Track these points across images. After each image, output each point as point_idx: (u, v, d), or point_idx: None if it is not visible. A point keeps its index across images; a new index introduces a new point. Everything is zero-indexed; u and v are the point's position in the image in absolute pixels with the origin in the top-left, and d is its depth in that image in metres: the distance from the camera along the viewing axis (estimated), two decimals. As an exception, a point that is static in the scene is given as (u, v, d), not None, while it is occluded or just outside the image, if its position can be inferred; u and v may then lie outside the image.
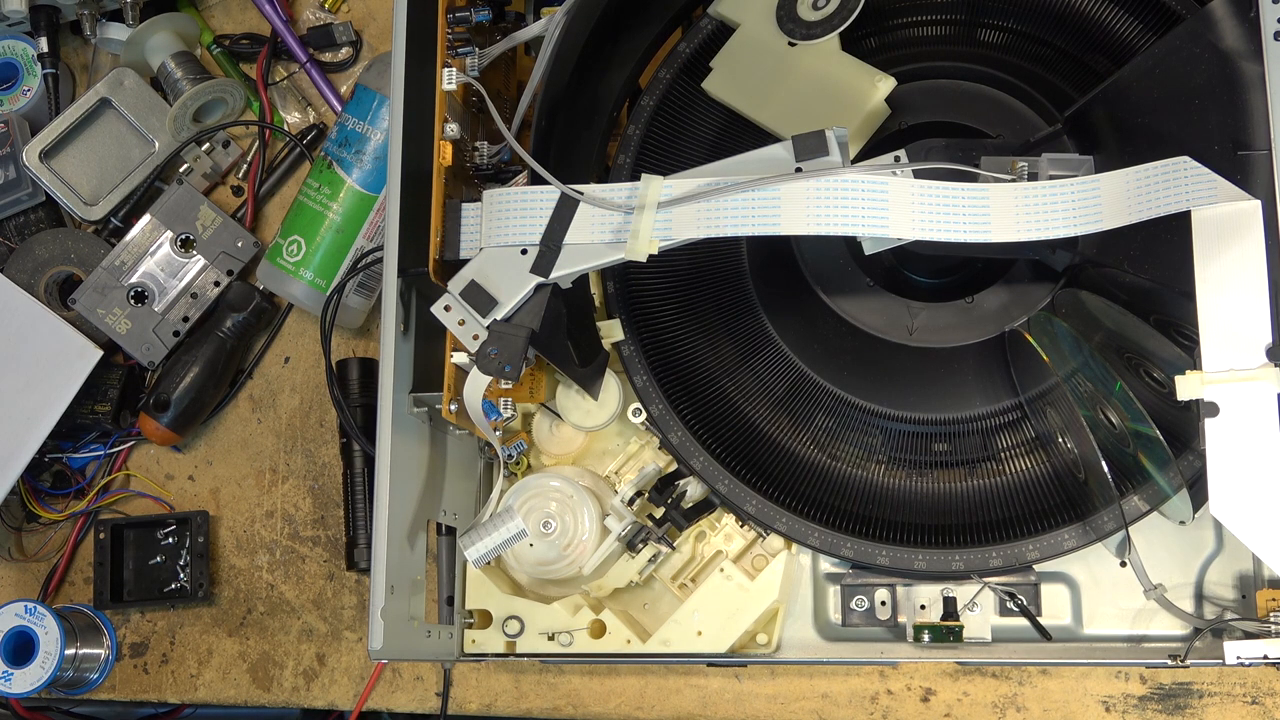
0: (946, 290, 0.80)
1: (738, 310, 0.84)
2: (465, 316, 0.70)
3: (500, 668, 0.89)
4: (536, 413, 0.86)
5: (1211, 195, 0.66)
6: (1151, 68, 0.72)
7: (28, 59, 1.01)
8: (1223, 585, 0.78)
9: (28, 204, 0.99)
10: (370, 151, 0.92)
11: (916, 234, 0.67)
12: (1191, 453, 0.71)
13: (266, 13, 1.01)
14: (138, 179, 0.99)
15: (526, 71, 0.84)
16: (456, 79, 0.74)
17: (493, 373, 0.70)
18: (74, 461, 0.99)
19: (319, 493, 0.96)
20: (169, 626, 0.97)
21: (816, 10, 0.80)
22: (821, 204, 0.66)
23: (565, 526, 0.81)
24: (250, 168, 1.00)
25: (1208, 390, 0.65)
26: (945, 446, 0.80)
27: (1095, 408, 0.74)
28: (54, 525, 0.99)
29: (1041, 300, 0.77)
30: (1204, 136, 0.69)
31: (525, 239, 0.70)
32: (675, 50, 0.85)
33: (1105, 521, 0.73)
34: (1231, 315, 0.65)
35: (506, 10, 0.86)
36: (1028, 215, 0.68)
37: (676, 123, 0.85)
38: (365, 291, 0.93)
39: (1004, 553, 0.74)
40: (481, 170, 0.79)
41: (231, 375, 0.98)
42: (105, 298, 0.95)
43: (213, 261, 0.97)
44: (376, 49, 1.02)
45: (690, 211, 0.68)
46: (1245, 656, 0.71)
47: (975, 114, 0.80)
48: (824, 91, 0.79)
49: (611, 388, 0.84)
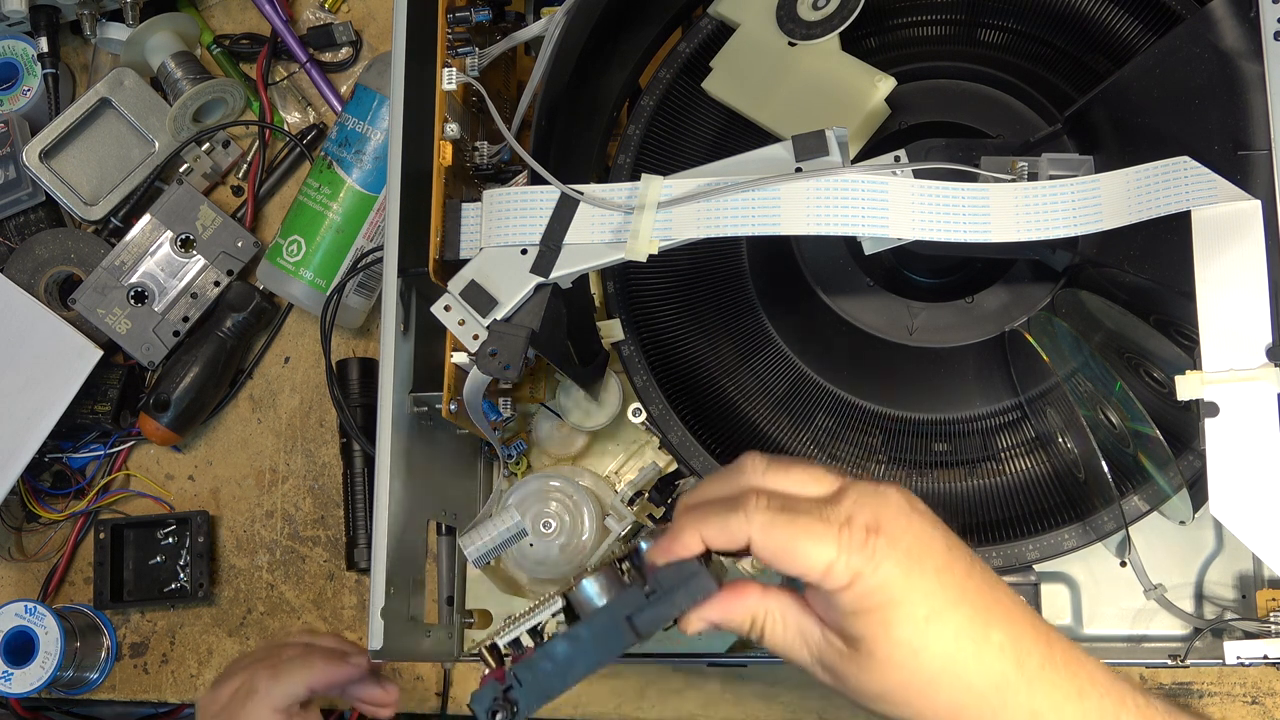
0: (946, 290, 0.80)
1: (738, 310, 0.84)
2: (465, 316, 0.70)
3: (500, 668, 0.89)
4: (536, 413, 0.86)
5: (1211, 195, 0.66)
6: (1151, 68, 0.72)
7: (28, 59, 1.01)
8: (1223, 585, 0.78)
9: (28, 204, 0.99)
10: (370, 151, 0.92)
11: (916, 234, 0.67)
12: (1191, 453, 0.71)
13: (266, 13, 1.01)
14: (138, 179, 0.99)
15: (526, 71, 0.83)
16: (456, 79, 0.74)
17: (493, 373, 0.70)
18: (74, 461, 0.99)
19: (319, 493, 0.96)
20: (169, 626, 0.97)
21: (816, 10, 0.80)
22: (821, 204, 0.66)
23: (565, 526, 0.81)
24: (250, 168, 1.00)
25: (1208, 390, 0.65)
26: (945, 446, 0.80)
27: (1095, 408, 0.74)
28: (54, 525, 0.99)
29: (1041, 300, 0.77)
30: (1204, 136, 0.69)
31: (525, 239, 0.70)
32: (675, 50, 0.85)
33: (1105, 521, 0.73)
34: (1231, 315, 0.65)
35: (506, 10, 0.86)
36: (1028, 215, 0.68)
37: (676, 123, 0.85)
38: (365, 291, 0.93)
39: (1004, 553, 0.74)
40: (481, 170, 0.79)
41: (231, 375, 0.98)
42: (105, 298, 0.95)
43: (213, 261, 0.97)
44: (376, 49, 1.02)
45: (690, 211, 0.68)
46: (1245, 656, 0.71)
47: (975, 114, 0.80)
48: (824, 91, 0.79)
49: (611, 388, 0.84)
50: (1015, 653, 0.54)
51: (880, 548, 0.53)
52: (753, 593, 0.57)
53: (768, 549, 0.54)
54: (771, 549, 0.54)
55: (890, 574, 0.53)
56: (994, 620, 0.54)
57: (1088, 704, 0.54)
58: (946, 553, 0.55)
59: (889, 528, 0.54)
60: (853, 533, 0.53)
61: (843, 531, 0.53)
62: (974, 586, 0.55)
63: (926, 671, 0.53)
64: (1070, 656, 0.55)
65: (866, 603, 0.53)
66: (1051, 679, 0.54)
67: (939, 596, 0.53)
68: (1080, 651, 0.56)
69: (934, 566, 0.54)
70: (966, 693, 0.54)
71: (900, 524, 0.54)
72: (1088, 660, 0.56)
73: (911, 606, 0.53)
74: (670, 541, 0.56)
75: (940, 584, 0.54)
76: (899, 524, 0.54)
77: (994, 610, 0.54)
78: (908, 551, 0.54)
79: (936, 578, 0.54)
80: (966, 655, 0.53)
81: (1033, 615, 0.56)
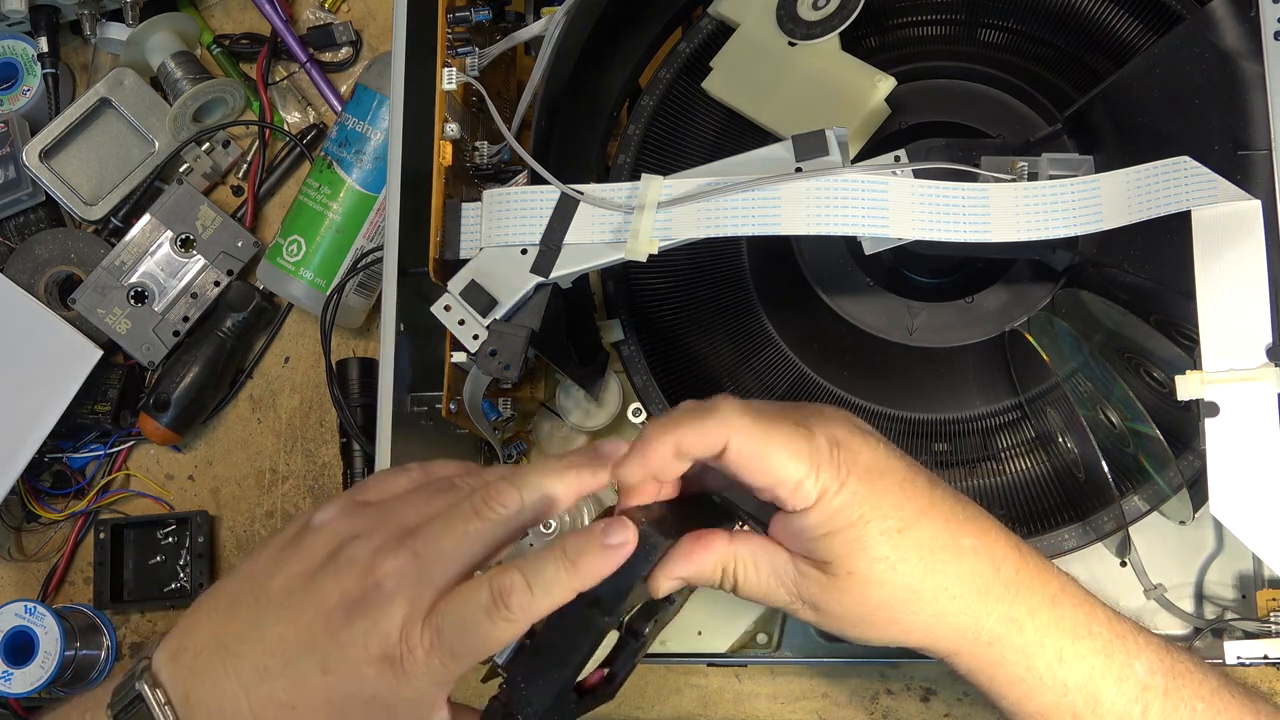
0: (946, 290, 0.80)
1: (738, 310, 0.84)
2: (465, 316, 0.70)
3: (500, 668, 0.88)
4: (536, 413, 0.86)
5: (1211, 195, 0.66)
6: (1151, 68, 0.72)
7: (28, 59, 1.01)
8: (1223, 585, 0.78)
9: (28, 204, 0.99)
10: (370, 151, 0.92)
11: (916, 234, 0.67)
12: (1191, 453, 0.71)
13: (266, 13, 1.01)
14: (138, 179, 0.99)
15: (526, 71, 0.83)
16: (456, 79, 0.74)
17: (493, 373, 0.70)
18: (74, 461, 0.99)
19: (319, 493, 0.96)
20: (169, 626, 0.97)
21: (816, 10, 0.80)
22: (821, 204, 0.66)
23: (565, 527, 0.81)
24: (250, 168, 1.00)
25: (1208, 390, 0.65)
26: (945, 446, 0.80)
27: (1095, 408, 0.74)
28: (54, 525, 0.99)
29: (1041, 300, 0.77)
30: (1204, 136, 0.69)
31: (525, 239, 0.70)
32: (675, 50, 0.85)
33: (1105, 521, 0.73)
34: (1231, 315, 0.65)
35: (506, 10, 0.86)
36: (1028, 215, 0.68)
37: (676, 123, 0.85)
38: (365, 291, 0.93)
39: (1004, 553, 0.74)
40: (481, 170, 0.79)
41: (231, 375, 0.98)
42: (105, 298, 0.95)
43: (213, 261, 0.97)
44: (376, 49, 1.02)
45: (690, 211, 0.68)
46: (1245, 656, 0.71)
47: (975, 114, 0.80)
48: (824, 91, 0.79)
49: (611, 388, 0.84)
50: (990, 557, 0.54)
51: (844, 462, 0.53)
52: (719, 540, 0.55)
53: (742, 454, 0.52)
54: (746, 455, 0.52)
55: (856, 490, 0.52)
56: (965, 528, 0.54)
57: (1061, 611, 0.55)
58: (906, 468, 0.55)
59: (848, 443, 0.53)
60: (819, 447, 0.53)
61: (813, 452, 0.52)
62: (939, 496, 0.55)
63: (907, 583, 0.53)
64: (1041, 565, 0.55)
65: (836, 521, 0.53)
66: (1029, 585, 0.54)
67: (907, 507, 0.53)
68: (1049, 563, 0.56)
69: (896, 480, 0.54)
70: (951, 600, 0.53)
71: (857, 441, 0.54)
72: (1058, 571, 0.56)
73: (882, 520, 0.53)
74: (642, 451, 0.53)
75: (906, 495, 0.53)
76: (856, 440, 0.54)
77: (962, 519, 0.54)
78: (868, 468, 0.53)
79: (901, 490, 0.53)
80: (944, 562, 0.53)
81: (1000, 525, 0.56)
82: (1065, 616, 0.55)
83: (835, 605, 0.54)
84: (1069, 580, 0.56)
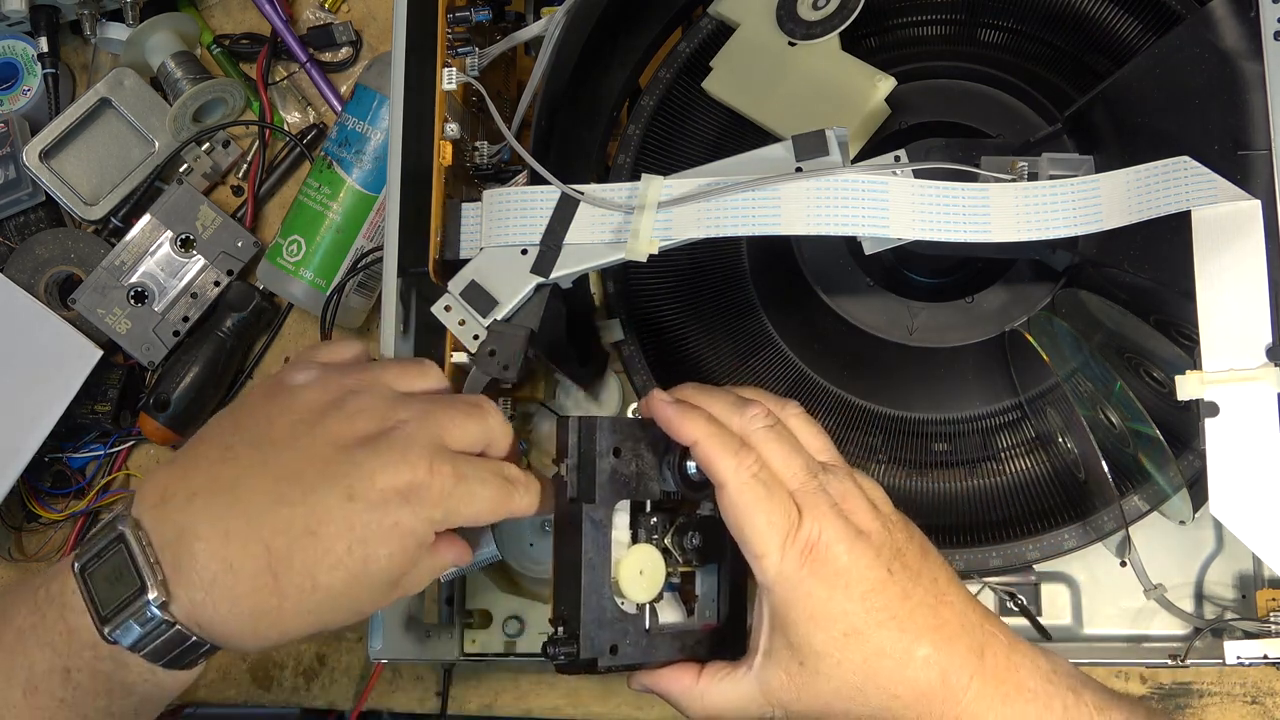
0: (946, 290, 0.80)
1: (738, 310, 0.84)
2: (465, 316, 0.70)
3: (500, 668, 0.89)
4: (536, 413, 0.86)
5: (1211, 195, 0.66)
6: (1151, 68, 0.72)
7: (28, 59, 1.01)
8: (1223, 585, 0.78)
9: (28, 204, 0.99)
10: (370, 151, 0.92)
11: (916, 234, 0.67)
12: (1191, 453, 0.71)
13: (266, 13, 1.01)
14: (138, 179, 0.99)
15: (526, 71, 0.83)
16: (456, 79, 0.74)
17: (492, 373, 0.70)
18: (74, 461, 0.99)
19: (319, 493, 0.96)
20: (169, 626, 0.97)
21: (816, 10, 0.80)
22: (821, 204, 0.66)
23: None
24: (250, 168, 1.00)
25: (1208, 390, 0.65)
26: (945, 446, 0.80)
27: (1095, 408, 0.74)
28: (54, 525, 0.99)
29: (1041, 300, 0.77)
30: (1204, 136, 0.69)
31: (525, 239, 0.70)
32: (675, 50, 0.85)
33: (1105, 521, 0.73)
34: (1231, 315, 0.65)
35: (506, 10, 0.86)
36: (1028, 215, 0.68)
37: (676, 123, 0.85)
38: (365, 291, 0.93)
39: (1004, 553, 0.74)
40: (481, 170, 0.79)
41: (231, 375, 0.98)
42: (105, 298, 0.95)
43: (213, 261, 0.97)
44: (376, 49, 1.02)
45: (690, 211, 0.68)
46: (1245, 656, 0.71)
47: (975, 114, 0.80)
48: (824, 91, 0.79)
49: (611, 388, 0.84)
50: (942, 667, 0.57)
51: (812, 561, 0.57)
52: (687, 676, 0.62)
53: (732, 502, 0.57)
54: (733, 503, 0.57)
55: (812, 590, 0.56)
56: (924, 638, 0.57)
57: (1011, 709, 0.57)
58: (885, 577, 0.57)
59: (828, 552, 0.57)
60: (795, 542, 0.57)
61: (788, 538, 0.56)
62: (909, 608, 0.57)
63: (852, 680, 0.57)
64: (1006, 664, 0.58)
65: (786, 611, 0.57)
66: (978, 689, 0.57)
67: (860, 618, 0.56)
68: (1022, 656, 0.58)
69: (861, 591, 0.57)
70: (894, 700, 0.57)
71: (841, 548, 0.57)
72: (1025, 666, 0.58)
73: (829, 623, 0.56)
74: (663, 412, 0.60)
75: (865, 607, 0.57)
76: (839, 548, 0.57)
77: (927, 629, 0.57)
78: (837, 573, 0.57)
79: (862, 601, 0.57)
80: (889, 668, 0.57)
81: (973, 630, 0.58)
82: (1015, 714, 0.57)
83: (795, 702, 0.58)
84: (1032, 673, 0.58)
